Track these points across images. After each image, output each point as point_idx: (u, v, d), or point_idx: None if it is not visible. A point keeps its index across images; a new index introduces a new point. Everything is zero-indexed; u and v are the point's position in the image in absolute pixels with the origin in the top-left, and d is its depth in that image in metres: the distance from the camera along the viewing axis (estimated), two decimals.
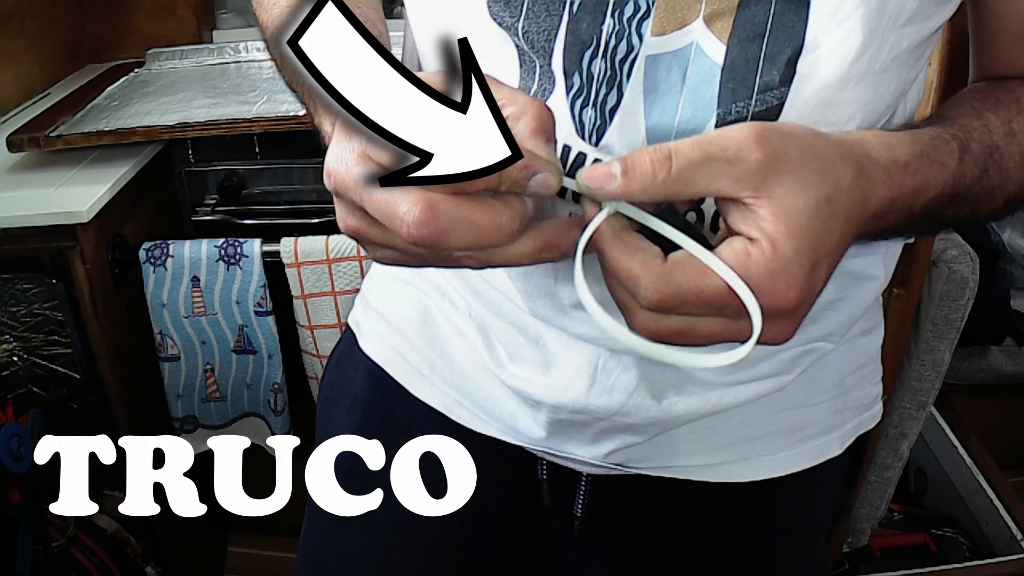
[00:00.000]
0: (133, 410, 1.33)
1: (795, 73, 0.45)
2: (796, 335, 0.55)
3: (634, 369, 0.55)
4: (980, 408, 1.66)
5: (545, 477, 0.65)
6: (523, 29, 0.47)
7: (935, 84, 1.06)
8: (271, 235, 1.28)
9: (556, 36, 0.47)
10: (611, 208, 0.40)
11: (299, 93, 0.53)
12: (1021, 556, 1.36)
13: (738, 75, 0.45)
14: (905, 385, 1.29)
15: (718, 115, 0.46)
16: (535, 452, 0.64)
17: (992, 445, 1.54)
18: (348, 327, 0.73)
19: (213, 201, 1.40)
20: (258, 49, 1.67)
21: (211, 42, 1.76)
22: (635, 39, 0.46)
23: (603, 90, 0.47)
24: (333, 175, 0.39)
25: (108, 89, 1.51)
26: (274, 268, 1.27)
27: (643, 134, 0.47)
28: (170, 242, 1.27)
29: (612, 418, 0.57)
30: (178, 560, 1.46)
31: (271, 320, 1.30)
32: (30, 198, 1.21)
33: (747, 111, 0.46)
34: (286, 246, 1.26)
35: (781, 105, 0.46)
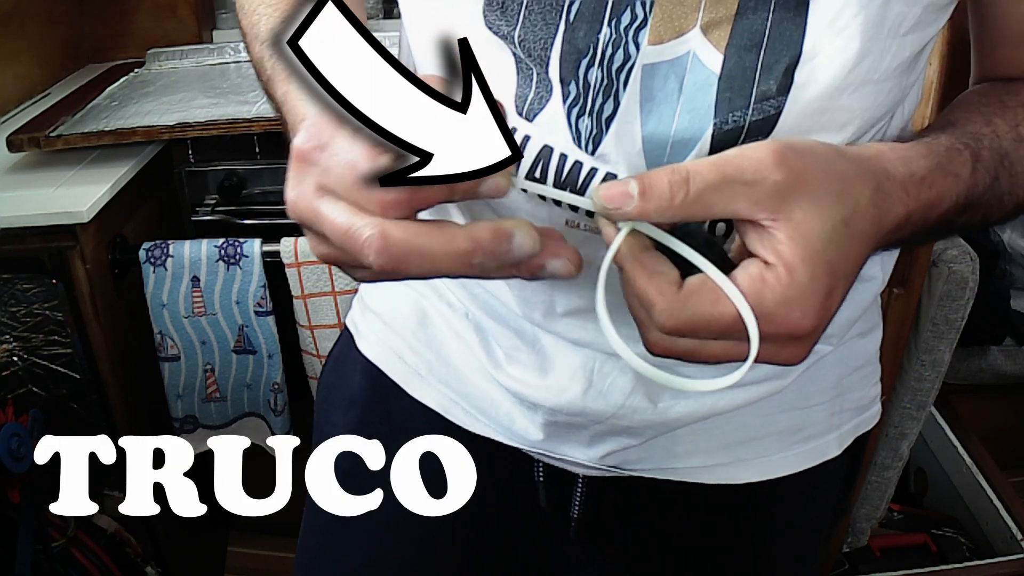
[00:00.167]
0: (133, 410, 1.33)
1: (792, 83, 0.45)
2: None
3: (630, 372, 0.55)
4: (980, 408, 1.66)
5: (542, 479, 0.65)
6: (519, 37, 0.47)
7: (935, 84, 1.06)
8: (271, 235, 1.28)
9: (552, 45, 0.46)
10: (629, 227, 0.40)
11: (273, 100, 0.53)
12: (1021, 556, 1.36)
13: (735, 84, 0.45)
14: (905, 385, 1.28)
15: (715, 124, 0.46)
16: (531, 454, 0.64)
17: (992, 445, 1.54)
18: (346, 328, 0.73)
19: (213, 201, 1.40)
20: None
21: (211, 42, 1.76)
22: (632, 48, 0.46)
23: (599, 99, 0.47)
24: (294, 208, 0.39)
25: (108, 89, 1.51)
26: (274, 268, 1.27)
27: (639, 143, 0.47)
28: (170, 242, 1.27)
29: (608, 421, 0.57)
30: (178, 560, 1.46)
31: (271, 320, 1.30)
32: (30, 198, 1.21)
33: (744, 120, 0.46)
34: (286, 246, 1.26)
35: (778, 114, 0.46)
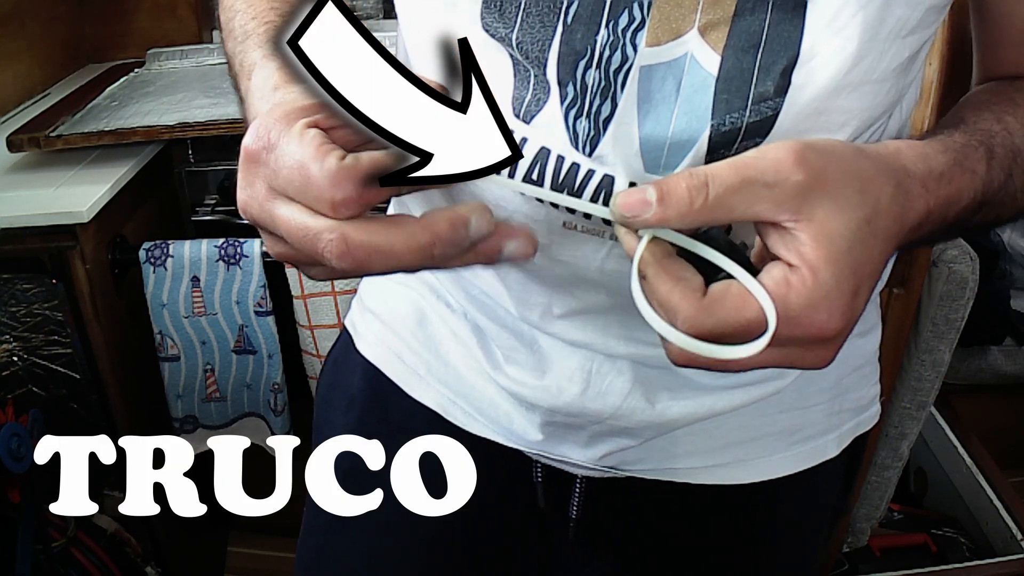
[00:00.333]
0: (133, 410, 1.33)
1: (790, 84, 0.45)
2: None
3: (628, 373, 0.55)
4: (980, 408, 1.66)
5: (540, 479, 0.65)
6: (517, 40, 0.47)
7: (935, 84, 1.06)
8: None
9: (550, 47, 0.46)
10: (650, 234, 0.39)
11: (239, 96, 0.51)
12: (1021, 556, 1.36)
13: (732, 86, 0.45)
14: (905, 385, 1.28)
15: (712, 126, 0.46)
16: (530, 455, 0.64)
17: (992, 445, 1.54)
18: (345, 328, 0.73)
19: (213, 201, 1.40)
20: None
21: (211, 42, 1.76)
22: (629, 50, 0.45)
23: (597, 100, 0.46)
24: (247, 210, 0.39)
25: (108, 89, 1.51)
26: (274, 268, 1.27)
27: (636, 145, 0.47)
28: (170, 242, 1.27)
29: (607, 421, 0.57)
30: (178, 560, 1.45)
31: (271, 320, 1.30)
32: (30, 198, 1.21)
33: (741, 122, 0.45)
34: None
35: (776, 116, 0.45)
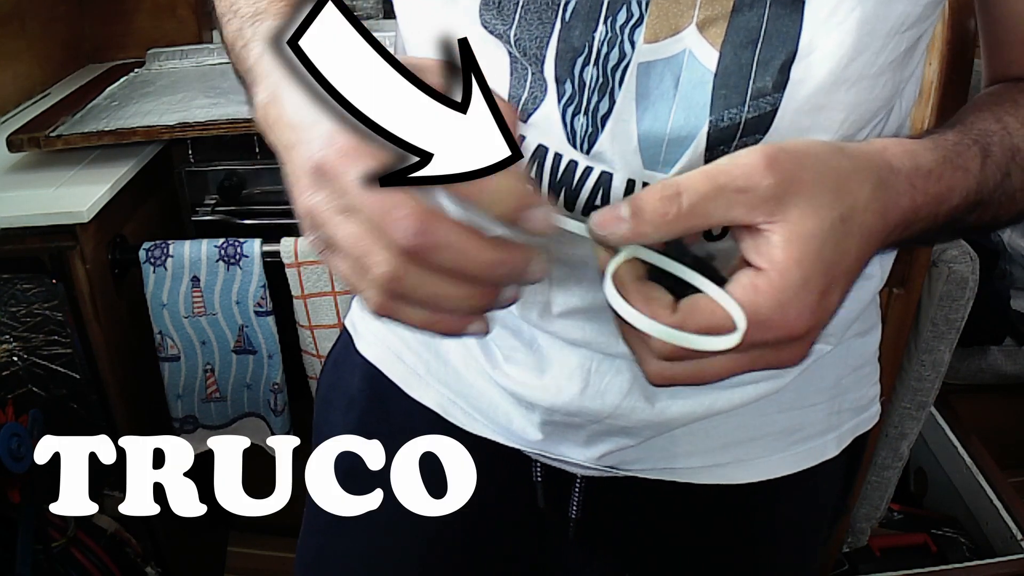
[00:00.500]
0: (133, 410, 1.33)
1: (788, 79, 0.45)
2: None
3: (627, 372, 0.55)
4: (980, 408, 1.66)
5: (540, 479, 0.65)
6: (515, 37, 0.47)
7: (935, 84, 1.06)
8: (271, 235, 1.28)
9: (548, 43, 0.46)
10: (626, 254, 0.39)
11: (242, 71, 0.49)
12: (1021, 556, 1.36)
13: (731, 82, 0.45)
14: (905, 385, 1.28)
15: (710, 122, 0.45)
16: (530, 454, 0.64)
17: (992, 445, 1.54)
18: (345, 328, 0.73)
19: (213, 201, 1.40)
20: None
21: (211, 42, 1.76)
22: (627, 46, 0.45)
23: (595, 97, 0.46)
24: (314, 209, 0.38)
25: (108, 89, 1.51)
26: (274, 268, 1.27)
27: (635, 141, 0.47)
28: (170, 242, 1.27)
29: (606, 420, 0.56)
30: (178, 560, 1.46)
31: (271, 320, 1.30)
32: (30, 198, 1.21)
33: (740, 118, 0.45)
34: (286, 246, 1.26)
35: (774, 111, 0.45)
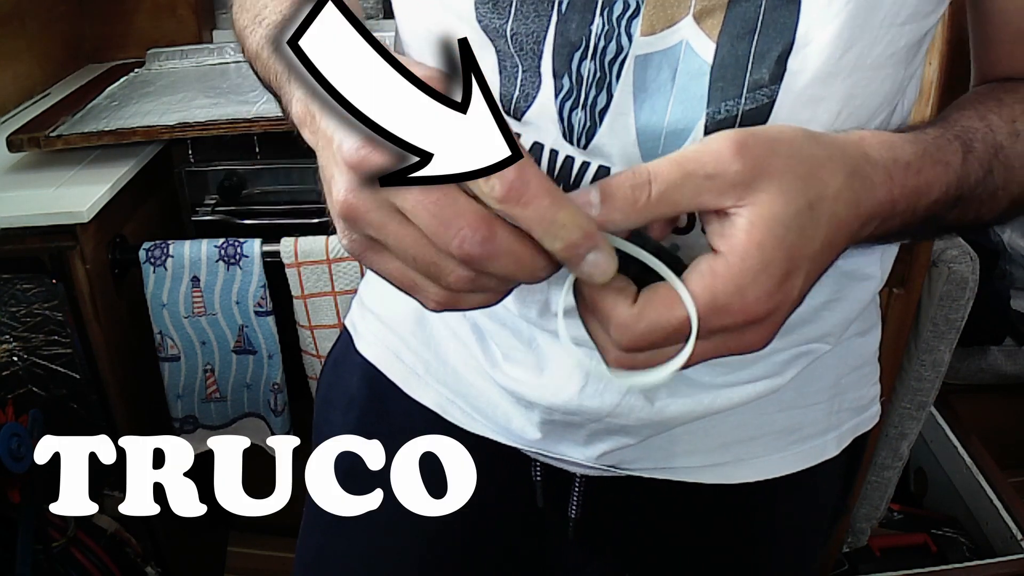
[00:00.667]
0: (133, 410, 1.33)
1: (785, 71, 0.45)
2: (792, 336, 0.56)
3: None
4: (980, 408, 1.66)
5: (539, 479, 0.65)
6: (511, 32, 0.47)
7: (935, 84, 1.06)
8: (271, 235, 1.28)
9: (545, 38, 0.46)
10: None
11: (278, 96, 0.49)
12: (1021, 556, 1.36)
13: (728, 73, 0.45)
14: (905, 385, 1.28)
15: (707, 114, 0.45)
16: (529, 454, 0.64)
17: (992, 445, 1.54)
18: (345, 328, 0.73)
19: (213, 201, 1.40)
20: None
21: (211, 42, 1.76)
22: (624, 39, 0.45)
23: (593, 92, 0.46)
24: (357, 211, 0.36)
25: (108, 89, 1.51)
26: (274, 268, 1.27)
27: (633, 135, 0.47)
28: (170, 242, 1.27)
29: (605, 419, 0.56)
30: (178, 560, 1.45)
31: (271, 320, 1.30)
32: (30, 198, 1.21)
33: (737, 110, 0.45)
34: (286, 246, 1.26)
35: (772, 103, 0.45)
